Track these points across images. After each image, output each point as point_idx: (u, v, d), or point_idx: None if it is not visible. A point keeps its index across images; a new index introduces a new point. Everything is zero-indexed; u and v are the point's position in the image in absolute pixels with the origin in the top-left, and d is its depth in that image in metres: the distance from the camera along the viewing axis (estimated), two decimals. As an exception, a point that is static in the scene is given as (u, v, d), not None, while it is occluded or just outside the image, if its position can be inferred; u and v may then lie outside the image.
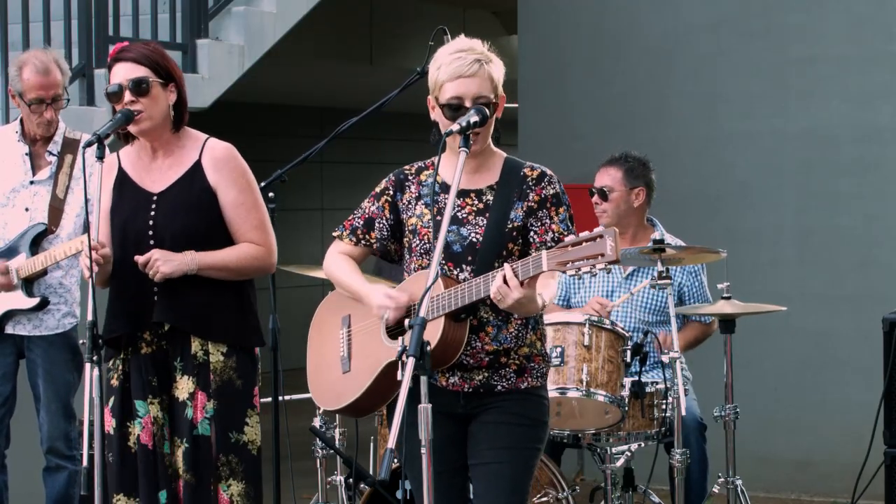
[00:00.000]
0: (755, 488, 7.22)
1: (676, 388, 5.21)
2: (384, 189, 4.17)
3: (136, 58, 4.47)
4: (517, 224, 4.00)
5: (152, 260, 4.40)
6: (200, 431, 4.47)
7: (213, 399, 4.47)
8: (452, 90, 3.95)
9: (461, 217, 4.02)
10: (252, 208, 4.55)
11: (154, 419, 4.47)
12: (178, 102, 4.53)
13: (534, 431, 4.07)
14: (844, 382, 7.87)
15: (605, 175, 5.96)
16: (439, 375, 4.02)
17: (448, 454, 4.04)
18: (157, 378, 4.50)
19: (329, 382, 4.26)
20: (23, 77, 5.43)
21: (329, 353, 4.26)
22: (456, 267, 3.98)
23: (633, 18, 8.69)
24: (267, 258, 4.58)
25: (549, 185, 4.04)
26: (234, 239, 4.54)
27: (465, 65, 3.94)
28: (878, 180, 7.96)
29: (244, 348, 4.56)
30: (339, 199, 15.57)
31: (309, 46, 10.94)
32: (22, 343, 5.55)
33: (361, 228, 4.19)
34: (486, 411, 4.03)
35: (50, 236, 5.48)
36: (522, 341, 4.04)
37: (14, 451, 5.66)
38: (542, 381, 4.09)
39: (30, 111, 5.45)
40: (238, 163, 4.56)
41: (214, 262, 4.47)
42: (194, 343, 4.49)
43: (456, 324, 3.91)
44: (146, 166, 4.57)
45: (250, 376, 4.57)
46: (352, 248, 4.22)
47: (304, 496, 6.12)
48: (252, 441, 4.53)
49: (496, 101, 3.99)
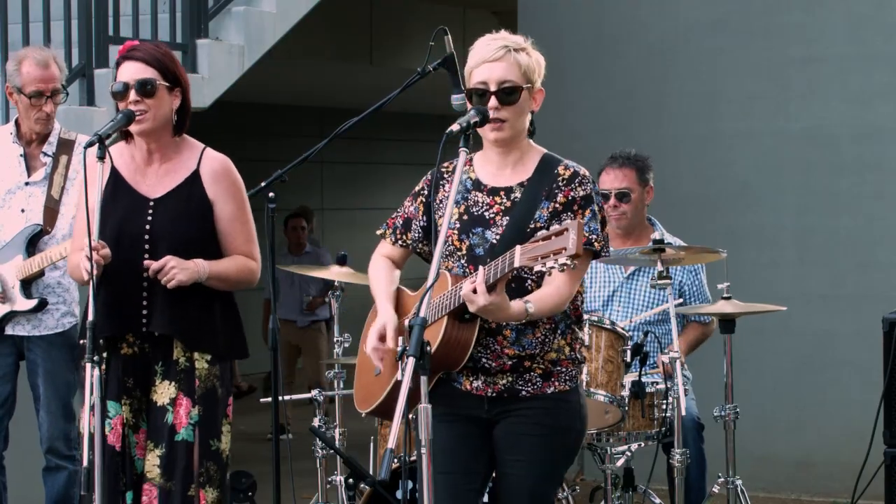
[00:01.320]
0: (755, 488, 7.22)
1: (676, 389, 5.21)
2: (420, 189, 4.13)
3: (146, 58, 4.47)
4: (540, 225, 3.87)
5: (168, 267, 4.41)
6: (183, 437, 4.47)
7: (197, 405, 4.48)
8: (479, 75, 3.91)
9: (488, 218, 3.94)
10: (246, 222, 4.62)
11: (125, 421, 4.47)
12: (181, 108, 4.54)
13: (559, 440, 3.97)
14: (844, 382, 7.88)
15: (620, 176, 5.90)
16: (463, 379, 3.95)
17: (461, 455, 3.97)
18: (134, 380, 4.50)
19: (365, 385, 4.23)
20: (22, 71, 5.44)
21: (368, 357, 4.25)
22: (476, 270, 3.85)
23: (633, 18, 8.69)
24: (257, 272, 4.67)
25: (579, 187, 3.92)
26: (225, 251, 4.58)
27: (491, 50, 3.90)
28: (878, 180, 7.96)
29: (227, 358, 4.59)
30: (339, 199, 15.56)
31: (309, 46, 10.94)
32: (22, 343, 5.55)
33: (400, 228, 4.16)
34: (509, 418, 3.95)
35: (45, 237, 5.48)
36: (549, 346, 3.93)
37: (13, 451, 5.65)
38: (571, 385, 3.97)
39: (29, 105, 5.45)
40: (235, 177, 4.62)
41: (220, 272, 4.53)
42: (177, 349, 4.50)
43: (461, 324, 3.82)
44: (141, 169, 4.56)
45: (228, 385, 4.63)
46: (392, 248, 4.18)
47: (304, 496, 6.12)
48: (224, 450, 4.57)
49: (525, 88, 3.90)
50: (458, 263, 3.94)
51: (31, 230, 5.46)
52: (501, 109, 3.88)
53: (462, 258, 3.94)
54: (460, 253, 3.94)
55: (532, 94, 3.95)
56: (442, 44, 4.30)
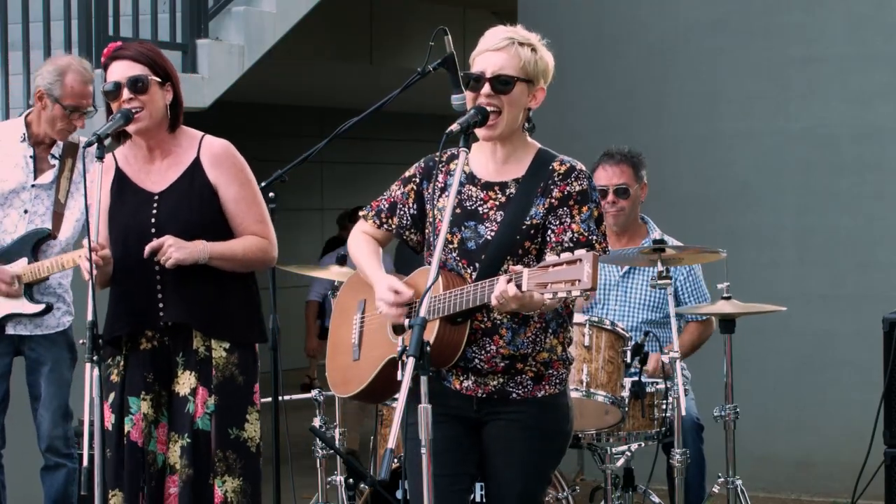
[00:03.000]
0: (755, 488, 7.22)
1: (676, 389, 5.20)
2: (412, 175, 4.08)
3: (134, 56, 4.47)
4: (536, 221, 3.86)
5: (165, 246, 4.39)
6: (200, 426, 4.47)
7: (214, 395, 4.47)
8: (478, 64, 3.90)
9: (482, 213, 3.90)
10: (253, 202, 4.58)
11: (144, 416, 4.47)
12: (174, 102, 4.53)
13: (549, 444, 3.98)
14: (844, 382, 7.87)
15: (618, 172, 5.89)
16: (453, 378, 3.94)
17: (452, 459, 3.95)
18: (155, 374, 4.50)
19: (341, 367, 4.21)
20: (65, 83, 5.38)
21: (343, 337, 4.22)
22: (469, 265, 3.87)
23: (633, 18, 8.69)
24: (270, 250, 4.60)
25: (575, 182, 3.88)
26: (235, 233, 4.56)
27: (495, 40, 3.90)
28: (878, 180, 7.96)
29: (246, 345, 4.56)
30: (339, 199, 15.56)
31: (309, 46, 10.94)
32: (20, 342, 5.55)
33: (385, 212, 4.11)
34: (499, 420, 3.93)
35: (51, 241, 5.47)
36: (542, 346, 3.91)
37: (12, 450, 5.65)
38: (561, 388, 3.97)
39: (62, 116, 5.42)
40: (237, 158, 4.59)
41: (224, 251, 4.49)
42: (196, 339, 4.50)
43: (452, 327, 3.82)
44: (144, 166, 4.57)
45: (251, 373, 4.58)
46: (375, 229, 4.14)
47: (304, 496, 6.12)
48: (251, 438, 4.53)
49: (522, 81, 3.86)
50: (451, 257, 3.92)
51: (38, 233, 5.45)
52: (493, 97, 3.85)
53: (454, 251, 3.92)
54: (452, 246, 3.92)
55: (532, 92, 3.91)
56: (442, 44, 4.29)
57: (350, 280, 4.34)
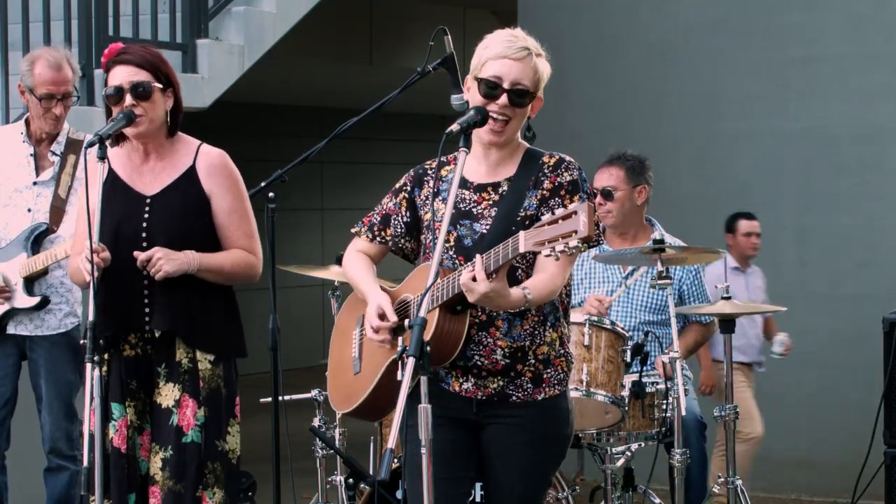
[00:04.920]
0: (755, 488, 7.23)
1: (676, 388, 5.21)
2: (402, 185, 4.10)
3: (138, 61, 4.46)
4: (530, 213, 3.87)
5: (155, 258, 4.39)
6: (192, 439, 4.46)
7: (203, 406, 4.47)
8: (495, 69, 3.87)
9: (476, 213, 3.93)
10: (244, 216, 4.57)
11: (129, 423, 4.46)
12: (174, 108, 4.53)
13: (549, 447, 3.97)
14: (844, 382, 7.88)
15: (606, 174, 5.93)
16: (452, 380, 3.94)
17: (452, 462, 3.94)
18: (138, 381, 4.49)
19: (343, 385, 4.21)
20: (34, 72, 5.43)
21: (345, 355, 4.22)
22: (467, 260, 3.85)
23: (633, 18, 8.70)
24: (257, 266, 4.61)
25: (565, 172, 3.91)
26: (223, 245, 4.55)
27: (513, 48, 3.88)
28: (878, 180, 7.96)
29: (228, 357, 4.57)
30: (339, 199, 15.57)
31: (309, 46, 10.94)
32: (24, 343, 5.55)
33: (378, 225, 4.12)
34: (498, 423, 3.93)
35: (51, 236, 5.48)
36: (541, 339, 3.91)
37: (15, 451, 5.65)
38: (561, 388, 3.96)
39: (39, 106, 5.45)
40: (232, 170, 4.58)
41: (212, 264, 4.48)
42: (179, 350, 4.49)
43: (452, 316, 3.79)
44: (137, 168, 4.56)
45: (232, 385, 4.59)
46: (368, 244, 4.15)
47: (304, 496, 6.12)
48: (233, 450, 4.54)
49: (533, 94, 3.90)
50: (447, 255, 3.93)
51: (36, 228, 5.46)
52: (508, 108, 3.87)
53: (450, 249, 3.93)
54: (448, 245, 3.93)
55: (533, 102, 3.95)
56: (442, 44, 4.29)
57: (347, 302, 4.35)
